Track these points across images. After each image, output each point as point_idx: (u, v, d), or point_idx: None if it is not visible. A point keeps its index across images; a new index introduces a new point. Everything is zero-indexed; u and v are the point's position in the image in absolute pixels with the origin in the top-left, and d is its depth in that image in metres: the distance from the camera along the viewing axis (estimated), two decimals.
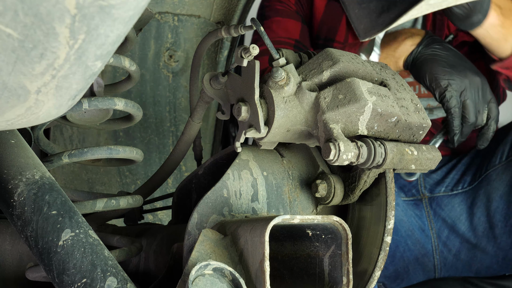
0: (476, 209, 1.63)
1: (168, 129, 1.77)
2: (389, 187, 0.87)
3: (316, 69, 0.86)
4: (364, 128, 0.83)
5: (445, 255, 1.69)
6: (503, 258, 1.61)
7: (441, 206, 1.69)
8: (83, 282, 0.74)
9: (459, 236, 1.66)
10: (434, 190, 1.73)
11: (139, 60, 1.66)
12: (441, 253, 1.69)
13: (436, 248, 1.69)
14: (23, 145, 0.88)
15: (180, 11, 1.60)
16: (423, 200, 1.73)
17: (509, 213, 1.57)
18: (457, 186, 1.69)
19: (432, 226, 1.69)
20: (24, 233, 0.79)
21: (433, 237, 1.69)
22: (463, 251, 1.66)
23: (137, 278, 1.06)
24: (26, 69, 0.56)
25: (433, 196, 1.73)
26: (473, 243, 1.64)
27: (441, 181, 1.73)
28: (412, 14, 0.62)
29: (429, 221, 1.70)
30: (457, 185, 1.69)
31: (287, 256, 0.87)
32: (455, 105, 1.40)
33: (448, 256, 1.69)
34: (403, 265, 1.72)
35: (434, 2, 0.59)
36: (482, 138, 1.51)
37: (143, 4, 0.53)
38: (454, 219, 1.66)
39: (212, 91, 0.95)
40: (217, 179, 0.89)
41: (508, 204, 1.57)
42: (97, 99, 0.93)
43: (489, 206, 1.60)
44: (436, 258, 1.70)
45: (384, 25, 0.65)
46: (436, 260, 1.70)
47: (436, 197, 1.71)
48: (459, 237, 1.66)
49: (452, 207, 1.67)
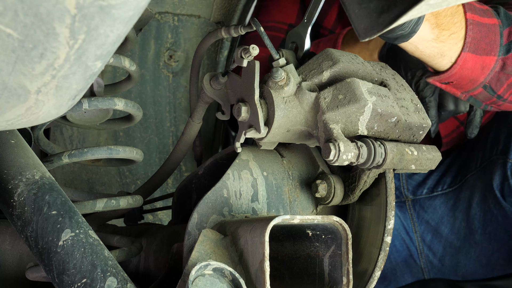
0: (458, 212, 1.57)
1: (168, 129, 1.77)
2: (389, 187, 0.87)
3: (316, 69, 0.87)
4: (364, 128, 0.83)
5: (431, 259, 1.64)
6: (486, 263, 1.57)
7: (424, 208, 1.63)
8: (83, 282, 0.74)
9: (442, 240, 1.60)
10: (416, 192, 1.66)
11: (139, 60, 1.66)
12: (427, 257, 1.64)
13: (421, 251, 1.64)
14: (23, 145, 0.88)
15: (180, 11, 1.60)
16: (407, 203, 1.67)
17: (486, 220, 1.51)
18: (437, 187, 1.63)
19: (416, 229, 1.64)
20: (24, 233, 0.79)
21: (417, 240, 1.64)
22: (447, 256, 1.62)
23: (137, 278, 1.06)
24: (26, 69, 0.56)
25: (416, 199, 1.66)
26: (456, 246, 1.59)
27: (423, 182, 1.66)
28: (412, 14, 0.62)
29: (413, 224, 1.64)
30: (437, 186, 1.63)
31: (287, 256, 0.87)
32: (429, 95, 1.34)
33: (434, 260, 1.64)
34: (391, 267, 1.67)
35: (434, 2, 0.59)
36: (471, 126, 1.44)
37: (143, 4, 0.53)
38: (437, 221, 1.61)
39: (212, 91, 0.95)
40: (217, 179, 0.89)
41: (485, 212, 1.51)
42: (97, 99, 0.93)
43: (468, 211, 1.54)
44: (422, 262, 1.65)
45: (384, 25, 0.65)
46: (423, 263, 1.65)
47: (418, 199, 1.65)
48: (442, 241, 1.60)
49: (433, 209, 1.62)
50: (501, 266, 1.57)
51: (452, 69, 1.13)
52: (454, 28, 1.09)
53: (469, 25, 1.10)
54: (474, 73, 1.16)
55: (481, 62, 1.15)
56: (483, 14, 1.14)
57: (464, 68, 1.14)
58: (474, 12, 1.13)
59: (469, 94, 1.23)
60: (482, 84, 1.18)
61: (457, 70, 1.14)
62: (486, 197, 1.49)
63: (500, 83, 1.19)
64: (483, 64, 1.15)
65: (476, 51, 1.13)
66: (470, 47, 1.11)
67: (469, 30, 1.10)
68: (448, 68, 1.15)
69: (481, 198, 1.51)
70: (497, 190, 1.44)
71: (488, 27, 1.14)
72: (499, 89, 1.20)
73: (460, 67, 1.13)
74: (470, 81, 1.18)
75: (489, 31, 1.14)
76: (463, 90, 1.22)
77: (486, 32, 1.13)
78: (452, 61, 1.13)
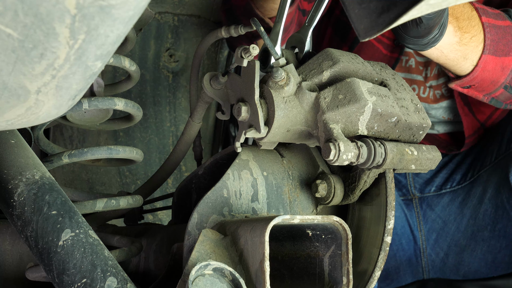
0: (466, 209, 1.57)
1: (168, 129, 1.77)
2: (389, 187, 0.87)
3: (316, 69, 0.87)
4: (364, 128, 0.83)
5: (433, 258, 1.64)
6: (492, 260, 1.56)
7: (431, 206, 1.63)
8: (83, 282, 0.75)
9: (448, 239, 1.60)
10: (424, 190, 1.66)
11: (139, 60, 1.66)
12: (429, 256, 1.64)
13: (424, 250, 1.64)
14: (23, 145, 0.88)
15: (180, 11, 1.60)
16: (414, 200, 1.66)
17: (497, 217, 1.51)
18: (445, 185, 1.62)
19: (421, 228, 1.63)
20: (24, 233, 0.79)
21: (421, 239, 1.64)
22: (450, 254, 1.61)
23: (137, 278, 1.06)
24: (26, 69, 0.56)
25: (423, 196, 1.66)
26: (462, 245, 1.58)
27: (430, 180, 1.66)
28: (412, 14, 0.62)
29: (419, 223, 1.64)
30: (446, 184, 1.62)
31: (287, 256, 0.87)
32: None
33: (436, 260, 1.64)
34: (395, 265, 1.66)
35: (434, 2, 0.59)
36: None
37: (143, 4, 0.53)
38: (444, 220, 1.60)
39: (212, 91, 0.95)
40: (217, 179, 0.89)
41: (496, 208, 1.50)
42: (97, 99, 0.93)
43: (478, 208, 1.54)
44: (423, 261, 1.65)
45: (384, 25, 0.65)
46: (424, 262, 1.65)
47: (426, 197, 1.65)
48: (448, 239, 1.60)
49: (441, 207, 1.61)
50: (506, 264, 1.57)
51: (474, 72, 1.15)
52: (474, 31, 1.11)
53: (486, 28, 1.13)
54: (495, 74, 1.18)
55: (501, 63, 1.17)
56: (496, 17, 1.17)
57: (486, 70, 1.16)
58: (488, 15, 1.15)
59: (491, 96, 1.25)
60: (503, 85, 1.21)
61: (479, 72, 1.15)
62: (500, 191, 1.49)
63: None
64: (502, 65, 1.17)
65: (495, 52, 1.15)
66: (489, 49, 1.14)
67: (487, 33, 1.13)
68: (470, 72, 1.16)
69: (494, 192, 1.51)
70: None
71: (504, 29, 1.17)
72: None
73: (482, 70, 1.15)
74: (492, 82, 1.20)
75: (505, 33, 1.16)
76: (485, 93, 1.24)
77: (503, 33, 1.16)
78: (474, 64, 1.15)
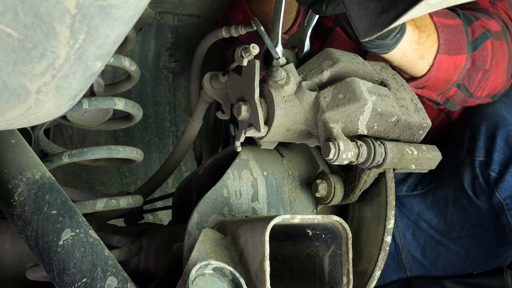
0: (437, 210, 1.59)
1: (168, 129, 1.77)
2: (389, 187, 0.87)
3: (316, 69, 0.87)
4: (364, 127, 0.83)
5: (412, 253, 1.66)
6: (466, 256, 1.59)
7: (404, 204, 1.65)
8: (83, 282, 0.75)
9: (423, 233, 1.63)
10: (396, 188, 1.65)
11: (139, 60, 1.66)
12: (408, 251, 1.66)
13: (403, 246, 1.66)
14: (23, 145, 0.88)
15: (180, 11, 1.60)
16: None
17: (463, 218, 1.53)
18: (417, 187, 1.64)
19: (398, 224, 1.66)
20: (24, 233, 0.79)
21: (399, 235, 1.66)
22: (427, 248, 1.64)
23: (137, 278, 1.06)
24: (26, 69, 0.56)
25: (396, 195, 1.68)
26: (436, 239, 1.61)
27: (403, 180, 1.67)
28: (412, 14, 0.62)
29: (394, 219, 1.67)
30: (417, 186, 1.64)
31: (287, 256, 0.87)
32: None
33: (415, 254, 1.66)
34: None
35: (434, 2, 0.59)
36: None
37: (143, 4, 0.53)
38: (416, 218, 1.63)
39: (212, 91, 0.95)
40: (217, 179, 0.89)
41: (460, 211, 1.53)
42: (97, 99, 0.93)
43: (445, 210, 1.56)
44: (404, 256, 1.67)
45: (384, 25, 0.65)
46: (404, 258, 1.67)
47: (398, 196, 1.66)
48: (423, 234, 1.63)
49: (411, 207, 1.63)
50: (480, 261, 1.60)
51: (430, 72, 1.14)
52: (428, 30, 1.11)
53: (439, 27, 1.13)
54: (448, 73, 1.17)
55: (454, 62, 1.16)
56: (446, 16, 1.17)
57: (440, 70, 1.15)
58: (439, 15, 1.15)
59: (445, 95, 1.24)
60: (456, 83, 1.20)
61: (434, 72, 1.15)
62: (459, 197, 1.51)
63: (472, 80, 1.20)
64: (455, 63, 1.17)
65: (448, 51, 1.14)
66: (443, 48, 1.13)
67: (440, 32, 1.12)
68: (426, 72, 1.15)
69: (455, 198, 1.53)
70: (469, 189, 1.46)
71: (454, 27, 1.16)
72: (471, 86, 1.22)
73: (437, 69, 1.14)
74: (445, 81, 1.19)
75: (456, 31, 1.16)
76: (438, 92, 1.23)
77: (454, 32, 1.15)
78: (430, 64, 1.14)
